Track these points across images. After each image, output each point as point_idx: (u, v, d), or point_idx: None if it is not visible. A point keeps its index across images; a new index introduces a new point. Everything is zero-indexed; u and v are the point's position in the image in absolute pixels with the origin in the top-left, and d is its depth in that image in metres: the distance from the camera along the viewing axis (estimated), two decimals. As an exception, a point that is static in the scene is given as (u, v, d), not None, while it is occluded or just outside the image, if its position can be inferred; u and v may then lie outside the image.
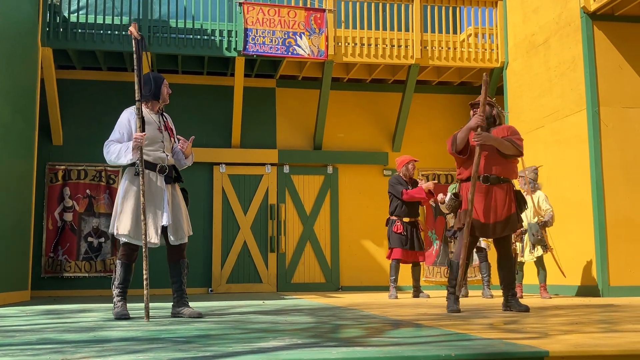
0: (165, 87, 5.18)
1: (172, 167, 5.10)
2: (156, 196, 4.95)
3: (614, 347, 2.98)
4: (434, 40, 10.45)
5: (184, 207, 5.13)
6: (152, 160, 4.98)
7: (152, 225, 4.89)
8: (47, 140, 10.16)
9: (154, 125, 5.06)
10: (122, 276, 4.99)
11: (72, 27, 9.53)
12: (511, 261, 5.63)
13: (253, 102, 10.92)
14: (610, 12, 8.37)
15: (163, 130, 5.10)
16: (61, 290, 9.92)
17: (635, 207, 8.13)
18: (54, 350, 2.98)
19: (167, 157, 5.06)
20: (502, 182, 5.43)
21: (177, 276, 5.08)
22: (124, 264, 4.99)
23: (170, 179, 5.05)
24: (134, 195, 4.90)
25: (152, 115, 5.11)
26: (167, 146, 5.10)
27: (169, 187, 5.04)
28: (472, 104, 5.74)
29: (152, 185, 4.97)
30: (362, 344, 3.13)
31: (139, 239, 4.87)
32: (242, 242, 10.63)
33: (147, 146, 4.96)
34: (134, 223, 4.87)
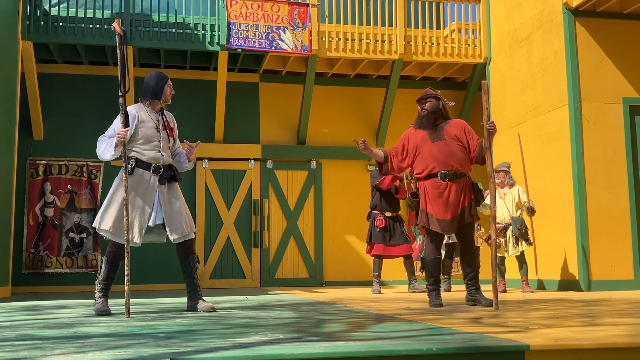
0: (168, 87, 5.20)
1: (167, 167, 5.08)
2: (147, 196, 4.95)
3: (594, 340, 3.00)
4: (418, 36, 10.47)
5: (182, 205, 5.11)
6: (146, 160, 4.99)
7: (136, 224, 4.89)
8: (28, 134, 10.05)
9: (151, 124, 5.06)
10: (106, 273, 4.98)
11: (53, 20, 9.42)
12: (474, 255, 5.66)
13: (236, 96, 10.88)
14: (592, 8, 8.42)
15: (161, 129, 5.09)
16: (42, 286, 9.83)
17: (616, 202, 8.20)
18: (34, 346, 2.95)
19: (163, 156, 5.05)
20: (459, 177, 5.43)
21: (187, 271, 5.12)
22: (109, 261, 4.97)
23: (164, 179, 5.03)
24: (120, 193, 4.89)
25: (150, 114, 5.10)
26: (164, 145, 5.09)
27: (163, 187, 5.02)
28: (419, 100, 5.69)
29: (143, 185, 4.96)
30: (344, 338, 3.13)
31: (120, 236, 4.85)
32: (226, 238, 10.60)
33: (142, 144, 4.98)
34: (118, 220, 4.85)
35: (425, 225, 5.43)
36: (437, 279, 5.54)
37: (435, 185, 5.40)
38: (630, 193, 8.23)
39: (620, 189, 8.24)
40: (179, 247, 5.09)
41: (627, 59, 8.49)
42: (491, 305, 5.28)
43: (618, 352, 2.93)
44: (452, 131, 5.53)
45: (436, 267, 5.53)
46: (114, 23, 4.97)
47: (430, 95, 5.66)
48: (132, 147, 5.00)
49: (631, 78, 8.46)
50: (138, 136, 5.00)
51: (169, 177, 5.07)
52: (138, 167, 4.97)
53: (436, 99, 5.64)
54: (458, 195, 5.40)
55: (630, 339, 3.06)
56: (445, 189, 5.38)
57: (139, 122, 5.01)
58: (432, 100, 5.63)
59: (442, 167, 5.39)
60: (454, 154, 5.44)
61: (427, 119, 5.58)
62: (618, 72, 8.45)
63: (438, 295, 5.47)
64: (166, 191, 5.04)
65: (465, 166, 5.50)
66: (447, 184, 5.37)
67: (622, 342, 2.98)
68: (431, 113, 5.59)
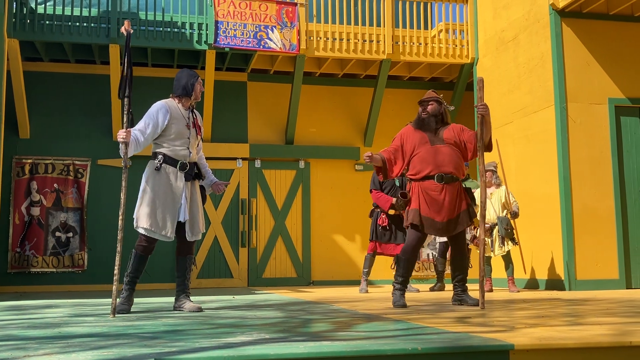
0: (198, 85, 5.22)
1: (193, 165, 5.13)
2: (175, 192, 5.00)
3: (578, 340, 3.02)
4: (406, 36, 10.49)
5: (200, 205, 5.18)
6: (173, 156, 5.03)
7: (169, 220, 4.95)
8: (14, 133, 9.98)
9: (183, 121, 5.09)
10: (135, 266, 5.01)
11: (39, 18, 9.36)
12: (465, 257, 5.67)
13: (224, 95, 10.85)
14: (578, 9, 8.47)
15: (191, 127, 5.13)
16: (28, 286, 9.76)
17: (601, 201, 8.26)
18: (17, 347, 2.93)
19: (190, 154, 5.10)
20: (454, 181, 5.45)
21: (182, 270, 5.15)
22: (138, 254, 5.00)
23: (190, 176, 5.08)
24: (152, 190, 4.94)
25: (182, 111, 5.13)
26: (193, 143, 5.14)
27: (188, 184, 5.07)
28: (421, 101, 5.67)
29: (171, 181, 5.00)
30: (330, 338, 3.13)
31: (156, 232, 4.92)
32: (213, 237, 10.58)
33: (172, 141, 5.03)
34: (152, 216, 4.91)
35: (418, 224, 5.41)
36: (406, 279, 5.55)
37: (431, 188, 5.39)
38: (615, 193, 8.30)
39: (605, 189, 8.29)
40: (182, 245, 5.12)
41: (613, 60, 8.55)
42: (477, 305, 5.31)
43: (602, 351, 2.95)
44: (450, 135, 5.53)
45: (409, 268, 5.53)
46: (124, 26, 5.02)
47: (432, 98, 5.63)
48: (162, 143, 5.03)
49: (617, 79, 8.53)
50: (171, 131, 5.02)
51: (194, 175, 5.13)
52: (165, 164, 4.99)
53: (438, 102, 5.61)
54: (454, 198, 5.40)
55: (614, 338, 3.08)
56: (441, 191, 5.38)
57: (171, 118, 5.04)
58: (434, 103, 5.59)
59: (440, 170, 5.39)
60: (451, 157, 5.45)
61: (428, 121, 5.56)
62: (604, 72, 8.51)
63: (403, 296, 5.48)
64: (189, 188, 5.09)
65: (460, 171, 5.52)
66: (443, 186, 5.38)
67: (606, 341, 3.00)
68: (432, 116, 5.56)
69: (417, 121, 5.64)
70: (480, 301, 5.14)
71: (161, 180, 4.97)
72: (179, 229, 5.06)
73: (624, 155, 8.45)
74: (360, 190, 11.00)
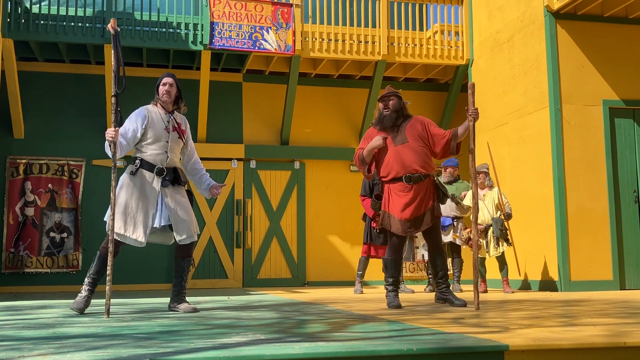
0: (161, 86, 5.18)
1: (172, 170, 5.08)
2: (150, 197, 4.96)
3: (572, 340, 3.03)
4: (401, 37, 10.50)
5: (186, 207, 5.11)
6: (150, 161, 5.01)
7: (141, 225, 4.92)
8: (8, 133, 9.96)
9: (160, 124, 5.07)
10: (96, 268, 4.99)
11: (34, 18, 9.33)
12: (443, 254, 5.69)
13: (219, 96, 10.84)
14: (573, 11, 8.50)
15: (171, 130, 5.09)
16: (22, 286, 9.74)
17: (595, 203, 8.28)
18: (11, 347, 2.92)
19: (168, 157, 5.06)
20: (424, 179, 5.43)
21: (179, 272, 5.17)
22: (101, 256, 4.97)
23: (167, 182, 5.02)
24: (125, 194, 4.92)
25: (161, 115, 5.12)
26: (172, 147, 5.10)
27: (167, 190, 5.02)
28: (381, 97, 5.66)
29: (146, 186, 4.98)
30: (325, 339, 3.13)
31: (127, 237, 4.90)
32: (208, 238, 10.56)
33: (150, 145, 5.02)
34: (124, 221, 4.88)
35: (387, 227, 5.44)
36: (397, 279, 5.57)
37: (400, 189, 5.41)
38: (609, 194, 8.32)
39: (599, 190, 8.32)
40: (179, 248, 5.12)
41: (607, 62, 8.58)
42: (464, 306, 5.32)
43: (596, 352, 2.96)
44: (414, 131, 5.51)
45: (396, 268, 5.55)
46: (110, 24, 5.00)
47: (392, 93, 5.62)
48: (140, 147, 5.04)
49: (611, 81, 8.56)
50: (147, 136, 5.02)
51: (172, 180, 5.07)
52: (142, 169, 4.99)
53: (398, 97, 5.60)
54: (421, 197, 5.40)
55: (608, 339, 3.09)
56: (409, 191, 5.39)
57: (149, 122, 5.03)
58: (394, 98, 5.59)
59: (407, 171, 5.39)
60: (417, 154, 5.43)
61: (390, 117, 5.54)
62: (598, 74, 8.54)
63: (396, 296, 5.49)
64: (170, 192, 5.04)
65: (429, 167, 5.48)
66: (411, 186, 5.39)
67: (600, 342, 3.01)
68: (394, 112, 5.55)
69: (378, 120, 5.61)
70: (476, 302, 5.14)
71: (136, 185, 4.95)
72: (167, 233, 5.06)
73: (618, 157, 8.48)
74: (355, 191, 10.98)
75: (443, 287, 5.60)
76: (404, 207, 5.38)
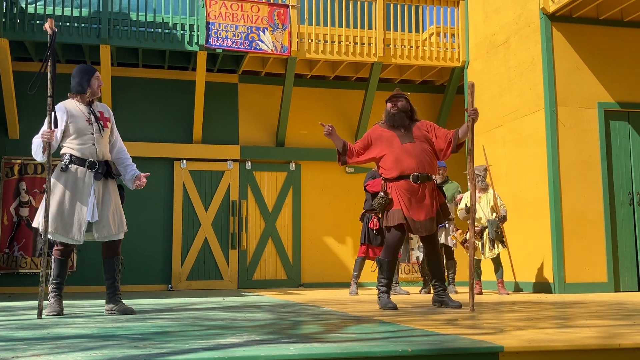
0: (95, 80, 5.12)
1: (103, 163, 4.97)
2: (83, 192, 4.87)
3: (567, 342, 3.03)
4: (397, 39, 10.52)
5: (115, 204, 5.00)
6: (80, 155, 4.91)
7: (75, 221, 4.83)
8: (3, 133, 9.94)
9: (81, 117, 4.98)
10: (56, 272, 4.95)
11: (29, 18, 9.32)
12: (439, 256, 5.72)
13: (215, 97, 10.84)
14: (569, 13, 8.52)
15: (93, 121, 5.00)
16: (16, 287, 9.71)
17: (590, 205, 8.30)
18: (5, 348, 2.91)
19: (97, 149, 4.95)
20: (430, 180, 5.48)
21: (109, 272, 5.02)
22: (57, 259, 4.93)
23: (100, 175, 4.92)
24: (58, 191, 4.84)
25: (80, 107, 5.03)
26: (98, 138, 4.99)
27: (99, 183, 4.92)
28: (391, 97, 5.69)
29: (78, 181, 4.88)
30: (320, 340, 3.13)
31: (61, 235, 4.82)
32: (203, 239, 10.55)
33: (75, 139, 4.94)
34: (57, 219, 4.80)
35: (404, 225, 5.42)
36: (390, 281, 5.58)
37: (408, 187, 5.41)
38: (604, 197, 8.34)
39: (594, 192, 8.34)
40: (104, 247, 4.99)
41: (603, 65, 8.60)
42: (459, 307, 5.33)
43: (590, 353, 2.97)
44: (420, 132, 5.56)
45: (391, 269, 5.55)
46: (47, 24, 4.98)
47: (402, 94, 5.69)
48: (66, 144, 4.96)
49: (606, 83, 8.58)
50: (70, 131, 4.95)
51: (105, 173, 4.96)
52: (72, 164, 4.90)
53: (406, 99, 5.67)
54: (432, 197, 5.44)
55: (602, 340, 3.10)
56: (419, 190, 5.40)
57: (69, 117, 4.96)
58: (403, 100, 5.64)
59: (415, 169, 5.41)
60: (424, 155, 5.47)
61: (399, 117, 5.57)
62: (593, 77, 8.56)
63: (389, 297, 5.50)
64: (101, 187, 4.94)
65: (433, 169, 5.56)
66: (419, 185, 5.40)
67: (594, 344, 3.02)
68: (402, 112, 5.59)
69: (386, 118, 5.64)
70: (471, 304, 5.14)
71: (68, 181, 4.86)
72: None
73: (613, 160, 8.50)
74: (350, 192, 11.02)
75: (440, 289, 5.61)
76: (418, 208, 5.38)
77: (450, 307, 5.41)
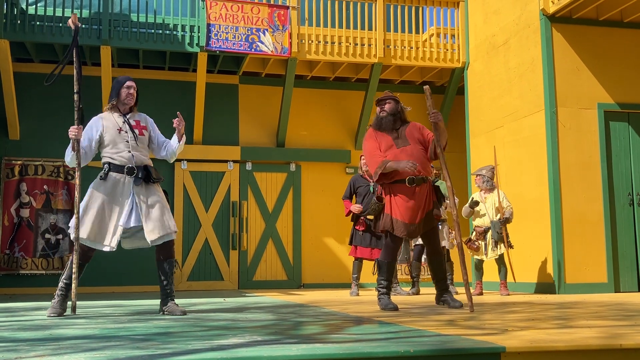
0: (123, 89, 5.19)
1: (142, 168, 5.04)
2: (122, 198, 4.95)
3: (568, 342, 3.04)
4: (397, 40, 10.53)
5: (163, 206, 5.05)
6: (118, 163, 5.00)
7: (111, 228, 4.90)
8: (4, 134, 9.94)
9: (113, 127, 5.08)
10: (69, 273, 5.00)
11: (30, 19, 9.32)
12: (441, 256, 5.72)
13: (215, 98, 10.84)
14: (568, 14, 8.53)
15: (128, 130, 5.08)
16: (17, 288, 9.71)
17: (590, 205, 8.31)
18: (8, 349, 2.92)
19: (134, 156, 5.03)
20: (425, 182, 5.50)
21: (163, 275, 5.07)
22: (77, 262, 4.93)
23: (139, 180, 4.99)
24: (96, 200, 4.92)
25: (115, 118, 5.13)
26: (134, 145, 5.08)
27: (139, 188, 4.99)
28: (378, 101, 5.74)
29: (117, 187, 4.96)
30: (322, 340, 3.14)
31: (97, 243, 4.89)
32: (204, 240, 10.56)
33: (111, 149, 5.05)
34: (95, 228, 4.88)
35: (390, 230, 5.44)
36: (390, 282, 5.59)
37: (402, 191, 5.43)
38: (604, 197, 8.35)
39: (594, 193, 8.35)
40: (159, 249, 5.05)
41: (602, 66, 8.61)
42: (461, 307, 5.35)
43: (591, 354, 2.98)
44: (414, 135, 5.59)
45: (390, 271, 5.57)
46: (70, 19, 5.05)
47: (389, 97, 5.71)
48: (104, 153, 5.09)
49: (606, 84, 8.59)
50: (105, 142, 5.08)
51: (145, 178, 5.02)
52: (111, 172, 4.99)
53: (395, 101, 5.69)
54: (424, 199, 5.46)
55: (604, 341, 3.11)
56: (412, 194, 5.42)
57: (104, 130, 5.08)
58: (391, 102, 5.67)
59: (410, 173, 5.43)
60: (419, 159, 5.49)
61: (387, 120, 5.61)
62: (593, 78, 8.57)
63: (389, 298, 5.51)
64: (143, 192, 5.00)
65: (428, 170, 5.60)
66: (414, 188, 5.42)
67: (595, 344, 3.03)
68: (390, 115, 5.62)
69: (375, 122, 5.69)
70: (469, 304, 5.15)
71: (106, 189, 4.95)
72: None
73: (613, 160, 8.51)
74: (351, 193, 11.00)
75: (442, 289, 5.61)
76: (410, 211, 5.39)
77: (452, 306, 5.42)
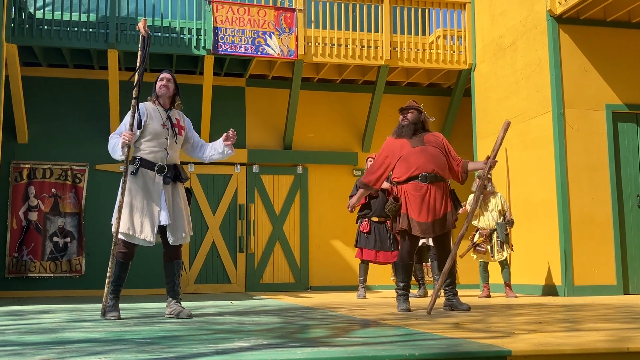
0: (158, 82, 5.24)
1: (172, 167, 5.07)
2: (154, 195, 4.96)
3: (575, 346, 3.02)
4: (404, 42, 10.52)
5: (184, 208, 5.10)
6: (151, 159, 5.01)
7: (148, 224, 4.90)
8: (12, 138, 9.98)
9: (158, 120, 5.08)
10: (117, 274, 4.96)
11: (38, 23, 9.37)
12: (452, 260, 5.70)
13: (222, 101, 10.86)
14: (576, 15, 8.50)
15: (169, 127, 5.09)
16: (25, 291, 9.74)
17: (598, 207, 8.27)
18: (14, 352, 2.93)
19: (168, 155, 5.05)
20: (439, 181, 5.50)
21: (170, 276, 5.09)
22: (119, 262, 4.96)
23: (169, 179, 5.01)
24: (129, 193, 4.91)
25: (159, 111, 5.14)
26: (171, 143, 5.09)
27: (168, 187, 5.01)
28: (401, 110, 5.83)
29: (149, 184, 4.98)
30: (328, 344, 3.13)
31: (136, 237, 4.90)
32: (211, 242, 10.57)
33: (149, 142, 5.02)
34: (132, 221, 4.88)
35: (407, 228, 5.44)
36: (408, 284, 5.63)
37: (416, 188, 5.43)
38: (612, 199, 8.31)
39: (603, 195, 8.30)
40: (168, 250, 5.06)
41: (610, 66, 8.57)
42: (468, 310, 5.35)
43: (599, 357, 2.96)
44: (432, 139, 5.66)
45: (408, 273, 5.61)
46: (140, 24, 5.07)
47: (412, 107, 5.79)
48: (139, 145, 5.04)
49: (614, 85, 8.55)
50: (146, 132, 5.03)
51: (174, 177, 5.06)
52: (142, 167, 4.99)
53: (418, 111, 5.77)
54: (440, 199, 5.45)
55: (612, 344, 3.09)
56: (426, 191, 5.42)
57: (148, 119, 5.06)
58: (414, 111, 5.75)
59: (423, 170, 5.45)
60: (434, 157, 5.51)
61: (408, 128, 5.70)
62: (601, 79, 8.53)
63: (406, 300, 5.56)
64: (170, 190, 5.04)
65: (445, 171, 5.59)
66: (427, 186, 5.43)
67: (603, 347, 3.01)
68: (412, 124, 5.71)
69: (397, 129, 5.78)
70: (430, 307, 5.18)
71: (138, 184, 4.94)
72: (162, 234, 5.02)
73: (621, 162, 8.46)
74: (358, 195, 10.99)
75: (450, 294, 5.61)
76: (424, 209, 5.40)
77: (459, 309, 5.42)
